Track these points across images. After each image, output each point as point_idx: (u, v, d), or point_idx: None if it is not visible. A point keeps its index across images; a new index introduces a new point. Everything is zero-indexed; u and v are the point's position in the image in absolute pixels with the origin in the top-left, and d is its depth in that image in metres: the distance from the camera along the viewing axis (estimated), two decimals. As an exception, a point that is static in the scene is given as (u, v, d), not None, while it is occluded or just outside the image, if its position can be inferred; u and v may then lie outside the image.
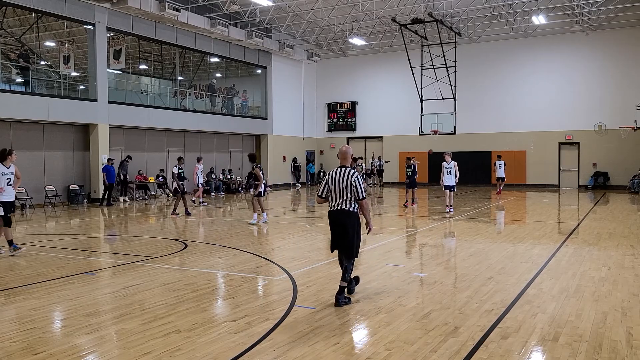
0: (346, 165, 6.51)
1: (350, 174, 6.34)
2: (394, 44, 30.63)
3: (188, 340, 5.16)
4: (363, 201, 6.36)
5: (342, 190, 6.36)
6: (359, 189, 6.31)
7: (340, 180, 6.37)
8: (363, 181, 6.43)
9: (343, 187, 6.35)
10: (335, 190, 6.40)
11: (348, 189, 6.32)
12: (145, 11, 21.44)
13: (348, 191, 6.33)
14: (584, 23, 26.72)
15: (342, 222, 6.38)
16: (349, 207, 6.36)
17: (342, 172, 6.41)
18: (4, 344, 5.09)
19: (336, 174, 6.45)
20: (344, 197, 6.35)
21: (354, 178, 6.32)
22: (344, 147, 6.66)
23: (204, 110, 27.47)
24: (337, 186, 6.38)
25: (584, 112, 27.95)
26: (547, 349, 4.89)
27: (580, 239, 11.37)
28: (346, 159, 6.56)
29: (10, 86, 20.77)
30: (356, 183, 6.30)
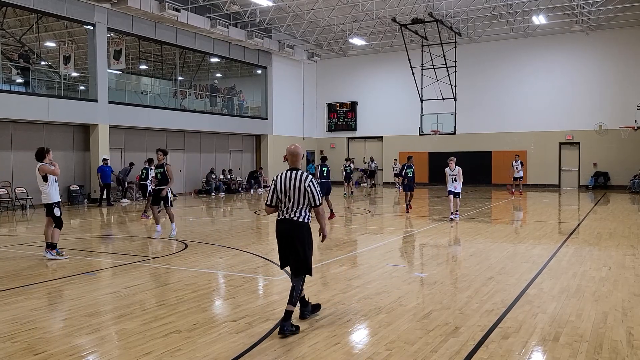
0: (297, 167, 5.63)
1: (304, 178, 5.47)
2: (394, 44, 30.63)
3: (188, 340, 5.16)
4: (319, 208, 5.57)
5: (294, 197, 5.48)
6: (314, 194, 5.48)
7: (292, 186, 5.48)
8: (318, 185, 5.64)
9: (295, 193, 5.48)
10: (286, 197, 5.51)
11: (302, 195, 5.47)
12: (145, 11, 21.44)
13: (301, 198, 5.48)
14: (584, 23, 26.71)
15: (291, 234, 5.53)
16: (300, 216, 5.52)
17: (294, 176, 5.50)
18: (4, 344, 5.09)
19: (286, 178, 5.53)
20: (297, 205, 5.49)
21: (309, 182, 5.47)
22: (292, 146, 5.69)
23: (204, 111, 27.48)
24: (287, 192, 5.49)
25: (585, 112, 27.94)
26: (548, 349, 4.89)
27: (581, 239, 11.37)
28: (297, 160, 5.67)
29: (10, 86, 20.78)
30: (311, 188, 5.46)
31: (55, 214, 9.39)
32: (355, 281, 7.57)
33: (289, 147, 5.70)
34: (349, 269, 8.52)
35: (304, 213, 5.53)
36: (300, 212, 5.52)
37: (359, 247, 11.04)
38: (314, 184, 5.52)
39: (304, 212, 5.53)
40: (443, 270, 8.48)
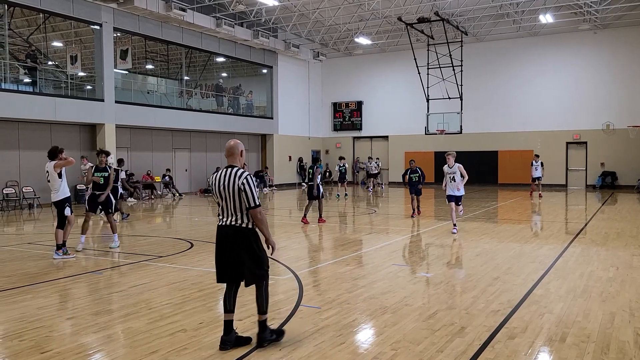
0: (234, 164, 5.01)
1: (238, 175, 4.86)
2: (400, 44, 30.57)
3: (194, 339, 5.17)
4: (256, 210, 4.81)
5: (230, 199, 4.87)
6: (248, 194, 4.80)
7: (226, 185, 4.87)
8: (255, 184, 4.94)
9: (230, 194, 4.86)
10: (222, 199, 4.94)
11: (236, 195, 4.84)
12: (151, 11, 21.51)
13: (237, 199, 4.84)
14: (592, 22, 26.56)
15: (231, 242, 4.87)
16: (241, 221, 4.86)
17: (228, 174, 4.90)
18: (12, 343, 5.12)
19: (220, 178, 4.94)
20: (234, 207, 4.87)
21: (243, 180, 4.83)
22: (232, 141, 5.08)
23: (210, 110, 27.54)
24: (222, 194, 4.90)
25: (592, 111, 27.80)
26: (554, 350, 4.86)
27: (588, 239, 11.31)
28: (233, 156, 5.02)
29: (18, 86, 20.88)
30: (245, 186, 4.81)
31: (65, 213, 9.45)
32: (360, 281, 7.56)
33: (228, 142, 5.08)
34: (355, 269, 8.51)
35: (245, 217, 4.87)
36: (239, 216, 4.86)
37: (364, 247, 11.03)
38: (250, 181, 4.84)
39: (245, 216, 4.86)
40: (449, 270, 8.45)
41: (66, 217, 9.52)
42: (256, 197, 4.86)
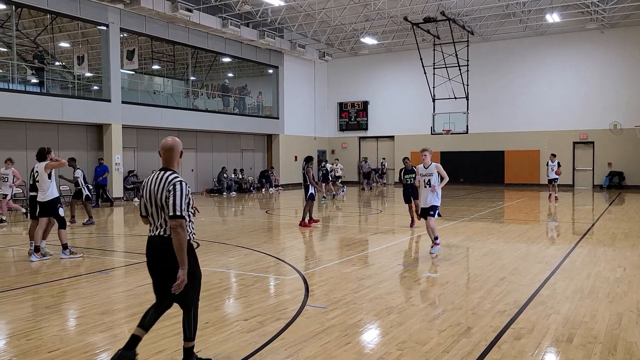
0: (169, 167, 4.32)
1: (169, 180, 4.19)
2: (405, 43, 30.52)
3: (200, 339, 5.17)
4: (176, 222, 4.06)
5: (158, 205, 4.22)
6: (170, 200, 4.10)
7: (155, 190, 4.22)
8: (186, 191, 4.18)
9: (157, 200, 4.20)
10: (151, 206, 4.26)
11: (164, 202, 4.16)
12: (157, 12, 21.57)
13: (165, 206, 4.16)
14: (599, 21, 26.42)
15: (159, 255, 4.24)
16: (171, 232, 4.16)
17: (158, 178, 4.25)
18: (19, 342, 5.15)
19: (151, 181, 4.30)
20: (162, 215, 4.20)
21: (171, 186, 4.15)
22: (170, 138, 4.43)
23: (216, 110, 27.60)
24: (151, 200, 4.24)
25: (599, 111, 27.65)
26: (561, 350, 4.84)
27: (595, 240, 11.25)
28: (171, 157, 4.35)
29: (25, 87, 21.00)
30: (171, 193, 4.11)
31: (60, 214, 9.49)
32: (366, 281, 7.56)
33: (165, 139, 4.42)
34: (361, 269, 8.50)
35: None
36: (169, 227, 4.16)
37: (370, 247, 11.02)
38: (179, 187, 4.13)
39: None
40: (455, 270, 8.43)
41: (62, 218, 9.57)
42: (181, 206, 4.09)
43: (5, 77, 20.69)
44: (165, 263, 4.20)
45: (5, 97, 18.01)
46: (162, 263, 4.23)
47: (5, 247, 11.00)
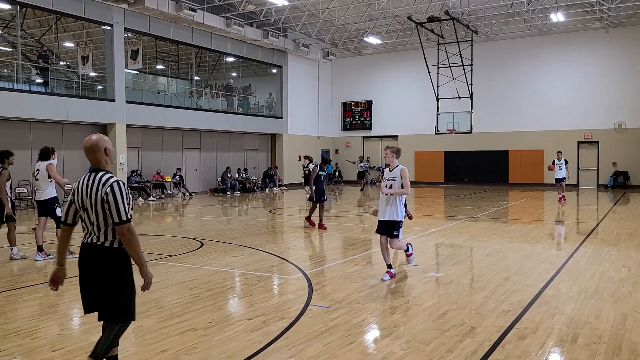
0: (100, 167, 3.87)
1: (103, 182, 3.76)
2: (409, 43, 30.48)
3: (204, 338, 5.18)
4: (123, 227, 3.68)
5: (91, 211, 3.78)
6: (112, 205, 3.68)
7: (88, 194, 3.77)
8: (125, 191, 3.78)
9: (92, 204, 3.76)
10: (84, 211, 3.82)
11: (99, 207, 3.73)
12: (162, 11, 21.61)
13: (99, 211, 3.73)
14: (604, 20, 26.33)
15: (90, 265, 3.83)
16: (104, 239, 3.77)
17: (92, 180, 3.80)
18: (24, 341, 5.17)
19: (83, 184, 3.83)
20: (97, 222, 3.77)
21: (107, 188, 3.72)
22: (94, 135, 3.94)
23: (220, 110, 27.63)
24: (85, 205, 3.80)
25: (603, 110, 27.56)
26: (565, 350, 4.83)
27: (600, 239, 11.21)
28: (96, 157, 3.86)
29: (30, 86, 21.08)
30: (109, 196, 3.70)
31: (57, 214, 9.51)
32: (370, 280, 7.55)
33: (89, 137, 3.92)
34: (364, 268, 8.49)
35: (111, 234, 3.78)
36: (104, 233, 3.77)
37: (373, 247, 10.99)
38: (117, 189, 3.72)
39: (111, 233, 3.78)
40: (459, 270, 8.41)
41: (59, 217, 9.57)
42: (124, 209, 3.70)
43: (10, 77, 20.77)
44: (95, 273, 3.80)
45: (10, 97, 18.08)
46: (90, 273, 3.82)
47: (7, 246, 11.04)
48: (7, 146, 18.74)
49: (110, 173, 3.86)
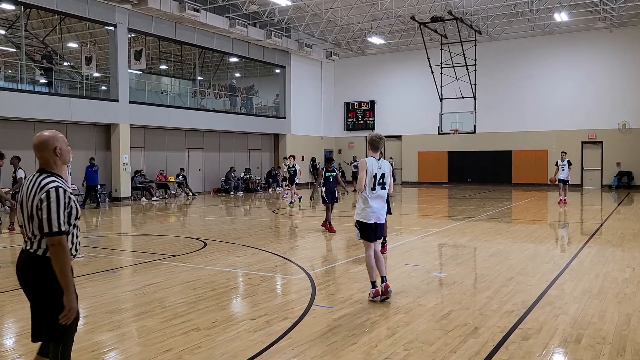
0: (47, 168, 3.51)
1: (42, 186, 3.37)
2: (413, 43, 30.46)
3: (207, 338, 5.19)
4: (53, 239, 3.28)
5: (27, 215, 3.42)
6: (44, 213, 3.29)
7: (26, 197, 3.42)
8: (65, 199, 3.35)
9: (27, 208, 3.40)
10: (22, 214, 3.47)
11: (34, 212, 3.35)
12: (165, 12, 21.65)
13: (35, 217, 3.35)
14: (608, 20, 26.26)
15: (24, 274, 3.43)
16: (37, 246, 3.38)
17: (33, 181, 3.45)
18: (28, 340, 5.17)
19: (26, 187, 3.47)
20: (31, 227, 3.40)
21: (43, 194, 3.32)
22: (46, 132, 3.57)
23: (223, 110, 27.67)
24: (22, 207, 3.46)
25: (608, 110, 27.48)
26: (569, 351, 4.82)
27: (604, 240, 11.18)
28: (44, 155, 3.50)
29: (34, 87, 21.15)
30: (44, 204, 3.30)
31: None
32: (373, 281, 7.54)
33: (39, 135, 3.58)
34: (367, 269, 8.48)
35: (44, 242, 3.35)
36: (37, 240, 3.38)
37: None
38: (52, 196, 3.30)
39: (44, 241, 3.35)
40: (462, 270, 8.40)
41: None
42: (57, 220, 3.28)
43: (14, 77, 20.84)
44: (27, 285, 3.40)
45: (14, 97, 18.15)
46: (24, 285, 3.42)
47: (13, 246, 11.08)
48: (11, 146, 18.90)
49: (54, 177, 3.42)
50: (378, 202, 6.46)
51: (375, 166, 6.39)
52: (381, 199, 6.50)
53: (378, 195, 6.44)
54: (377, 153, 6.50)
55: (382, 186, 6.45)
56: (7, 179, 18.72)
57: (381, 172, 6.41)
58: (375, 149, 6.51)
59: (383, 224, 6.64)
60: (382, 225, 6.64)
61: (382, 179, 6.43)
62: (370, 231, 6.43)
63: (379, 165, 6.41)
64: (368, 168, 6.34)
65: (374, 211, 6.42)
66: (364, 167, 6.35)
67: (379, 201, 6.47)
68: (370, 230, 6.43)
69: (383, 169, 6.44)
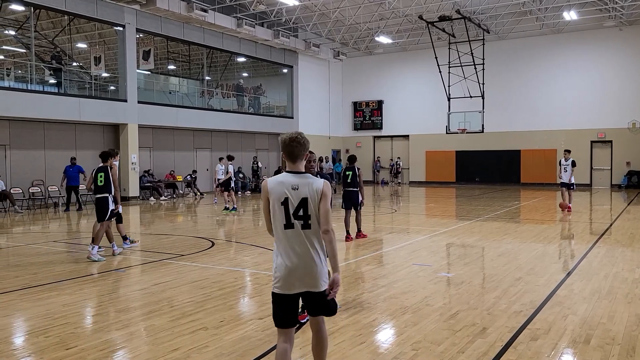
0: None
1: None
2: (420, 42, 30.38)
3: (215, 337, 5.21)
4: None
5: None
6: None
7: None
8: None
9: None
10: None
11: None
12: (173, 12, 21.73)
13: None
14: (617, 18, 26.06)
15: None
16: None
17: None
18: (38, 339, 5.22)
19: None
20: None
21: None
22: None
23: (231, 110, 27.74)
24: None
25: (617, 109, 27.28)
26: (578, 352, 4.79)
27: (613, 240, 11.10)
28: None
29: (43, 87, 21.30)
30: None
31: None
32: (381, 280, 7.54)
33: None
34: (375, 268, 8.49)
35: None
36: None
37: (384, 246, 10.98)
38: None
39: None
40: (470, 270, 8.37)
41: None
42: None
43: (24, 78, 21.01)
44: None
45: (23, 97, 18.29)
46: None
47: (23, 245, 11.17)
48: (20, 146, 19.06)
49: None
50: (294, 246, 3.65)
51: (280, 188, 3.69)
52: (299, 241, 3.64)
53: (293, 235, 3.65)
54: (295, 164, 3.77)
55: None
56: (28, 178, 18.87)
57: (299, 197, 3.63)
58: (292, 158, 3.77)
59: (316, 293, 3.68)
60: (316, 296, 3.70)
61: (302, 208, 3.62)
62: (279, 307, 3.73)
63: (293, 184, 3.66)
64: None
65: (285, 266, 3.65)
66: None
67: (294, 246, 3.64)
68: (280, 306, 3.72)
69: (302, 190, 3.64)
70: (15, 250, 10.65)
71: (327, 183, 3.65)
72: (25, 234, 13.41)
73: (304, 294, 3.67)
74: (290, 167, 3.76)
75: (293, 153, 3.72)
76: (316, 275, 3.62)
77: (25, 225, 15.02)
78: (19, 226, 14.78)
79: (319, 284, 3.63)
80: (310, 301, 3.72)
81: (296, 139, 3.71)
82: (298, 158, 3.74)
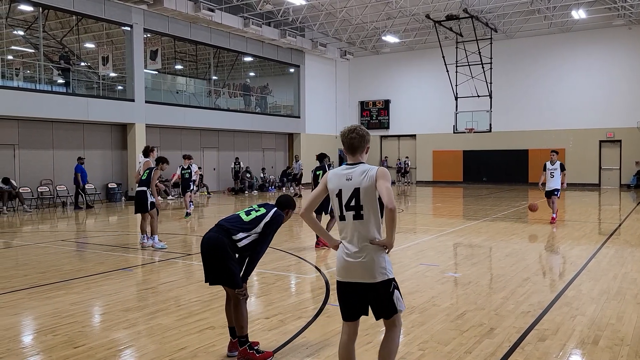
0: None
1: None
2: (428, 41, 30.30)
3: (222, 336, 5.21)
4: None
5: None
6: None
7: None
8: None
9: None
10: None
11: None
12: (180, 12, 21.80)
13: None
14: (626, 17, 25.88)
15: None
16: None
17: None
18: (46, 337, 5.25)
19: None
20: None
21: None
22: None
23: (238, 110, 27.79)
24: None
25: (626, 108, 27.09)
26: (587, 353, 4.75)
27: (622, 240, 11.02)
28: None
29: (51, 87, 21.43)
30: None
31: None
32: (388, 280, 7.51)
33: None
34: (382, 268, 8.45)
35: None
36: None
37: (391, 246, 10.93)
38: None
39: None
40: (478, 270, 8.34)
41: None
42: None
43: (33, 78, 21.14)
44: None
45: (32, 97, 18.40)
46: None
47: (32, 244, 11.24)
48: (29, 145, 19.17)
49: None
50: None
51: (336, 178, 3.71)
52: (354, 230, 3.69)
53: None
54: (354, 156, 3.73)
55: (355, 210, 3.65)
56: (37, 177, 18.99)
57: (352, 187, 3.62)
58: (351, 150, 3.75)
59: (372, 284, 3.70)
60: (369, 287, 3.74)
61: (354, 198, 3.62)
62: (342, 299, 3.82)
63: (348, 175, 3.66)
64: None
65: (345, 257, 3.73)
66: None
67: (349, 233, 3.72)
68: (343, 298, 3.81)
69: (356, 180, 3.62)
70: (24, 249, 10.71)
71: (382, 168, 3.64)
72: (34, 232, 13.50)
73: (365, 288, 3.70)
74: (350, 160, 3.75)
75: (353, 145, 3.71)
76: (369, 266, 3.62)
77: (34, 224, 15.11)
78: (27, 225, 14.88)
79: (373, 275, 3.63)
80: (369, 296, 3.78)
81: (355, 130, 3.73)
82: (357, 150, 3.72)
